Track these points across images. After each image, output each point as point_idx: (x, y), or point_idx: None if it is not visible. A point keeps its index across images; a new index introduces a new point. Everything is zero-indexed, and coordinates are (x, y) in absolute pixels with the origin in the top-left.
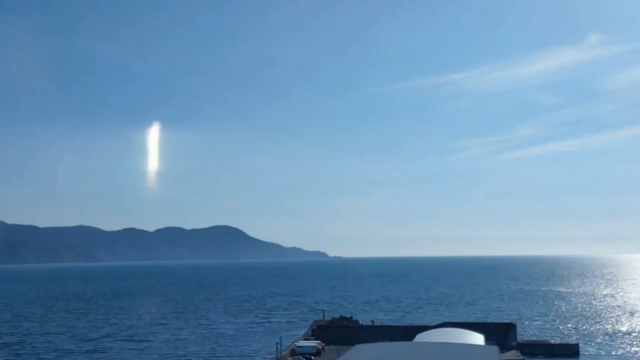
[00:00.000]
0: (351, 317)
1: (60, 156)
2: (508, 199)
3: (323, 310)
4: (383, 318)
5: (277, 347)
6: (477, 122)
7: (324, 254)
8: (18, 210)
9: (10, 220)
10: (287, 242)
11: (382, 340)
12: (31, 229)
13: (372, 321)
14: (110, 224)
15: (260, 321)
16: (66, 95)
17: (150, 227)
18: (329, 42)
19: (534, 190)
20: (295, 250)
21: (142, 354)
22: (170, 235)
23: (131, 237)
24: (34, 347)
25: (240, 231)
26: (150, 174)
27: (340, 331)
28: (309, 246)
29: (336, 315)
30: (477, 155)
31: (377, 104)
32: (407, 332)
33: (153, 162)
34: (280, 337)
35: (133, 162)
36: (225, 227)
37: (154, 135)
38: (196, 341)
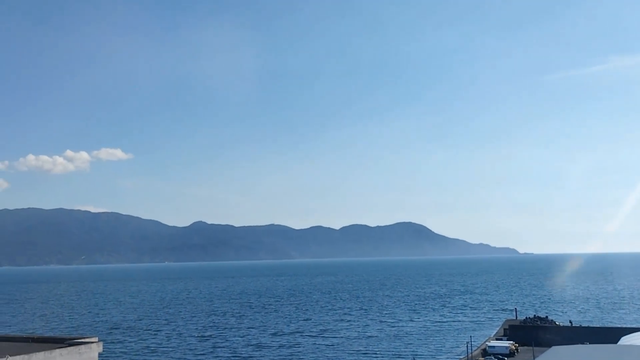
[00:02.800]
0: (546, 317)
1: (250, 160)
2: None
3: (515, 309)
4: (580, 319)
5: (467, 347)
6: None
7: (514, 251)
8: (217, 211)
9: (210, 220)
10: (473, 239)
11: (582, 342)
12: (228, 229)
13: (570, 322)
14: (299, 222)
15: (446, 320)
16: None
17: (336, 225)
18: (513, 27)
19: None
20: (482, 247)
21: (333, 350)
22: (356, 233)
23: (318, 234)
24: (229, 340)
25: (425, 228)
26: (334, 174)
27: (535, 332)
28: (497, 242)
29: (530, 315)
30: None
31: (568, 90)
32: (610, 334)
33: (335, 162)
34: (470, 336)
35: (317, 164)
36: (410, 223)
37: (333, 136)
38: (384, 339)
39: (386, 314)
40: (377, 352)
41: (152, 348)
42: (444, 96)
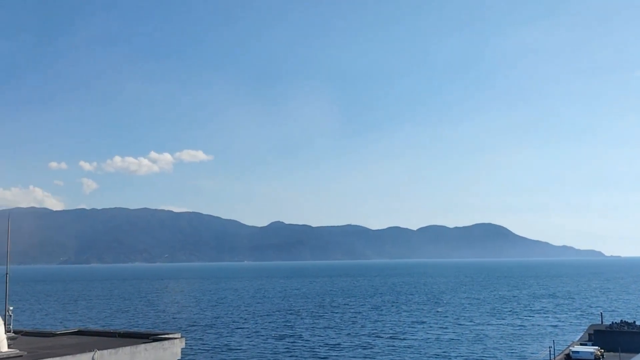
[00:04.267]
0: (634, 322)
1: (328, 160)
2: None
3: (601, 313)
4: None
5: (549, 352)
6: None
7: (599, 253)
8: (294, 211)
9: (287, 220)
10: (556, 241)
11: None
12: (305, 228)
13: None
14: (376, 222)
15: (526, 324)
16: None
17: (414, 226)
18: (596, 23)
19: None
20: (565, 249)
21: (410, 352)
22: (433, 233)
23: (395, 235)
24: (306, 340)
25: (505, 229)
26: (411, 174)
27: (622, 337)
28: (581, 245)
29: (616, 320)
30: None
31: None
32: None
33: (413, 162)
34: (553, 341)
35: (394, 164)
36: (489, 224)
37: (411, 135)
38: (462, 342)
39: (464, 316)
40: (456, 356)
41: (231, 346)
42: (527, 93)
